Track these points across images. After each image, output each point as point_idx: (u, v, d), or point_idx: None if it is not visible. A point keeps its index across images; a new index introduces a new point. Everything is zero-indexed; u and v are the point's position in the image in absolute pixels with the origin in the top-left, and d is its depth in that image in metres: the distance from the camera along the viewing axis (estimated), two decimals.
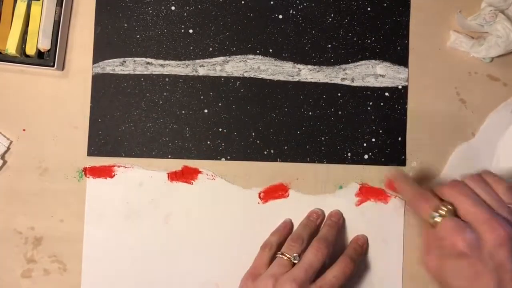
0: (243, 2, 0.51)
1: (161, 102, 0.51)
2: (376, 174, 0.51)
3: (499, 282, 0.37)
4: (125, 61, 0.51)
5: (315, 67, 0.51)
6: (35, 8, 0.49)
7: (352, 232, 0.51)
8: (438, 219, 0.41)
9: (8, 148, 0.50)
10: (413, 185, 0.45)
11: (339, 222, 0.50)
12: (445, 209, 0.41)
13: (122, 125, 0.50)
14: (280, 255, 0.46)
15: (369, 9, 0.52)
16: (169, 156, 0.50)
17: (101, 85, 0.51)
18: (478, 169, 0.51)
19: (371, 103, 0.51)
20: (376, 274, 0.50)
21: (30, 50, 0.49)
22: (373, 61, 0.52)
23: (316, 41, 0.52)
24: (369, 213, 0.51)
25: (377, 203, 0.51)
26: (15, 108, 0.50)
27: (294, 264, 0.45)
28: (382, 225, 0.51)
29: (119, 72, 0.51)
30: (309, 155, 0.51)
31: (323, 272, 0.45)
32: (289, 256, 0.45)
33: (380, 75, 0.52)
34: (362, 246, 0.50)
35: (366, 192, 0.51)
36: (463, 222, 0.40)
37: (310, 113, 0.51)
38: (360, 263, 0.50)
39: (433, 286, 0.51)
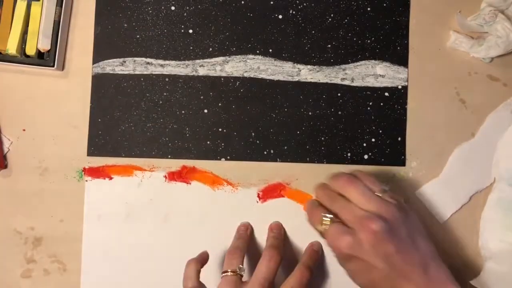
0: (243, 2, 0.51)
1: (161, 102, 0.51)
2: (376, 175, 0.51)
3: (388, 268, 0.40)
4: (125, 61, 0.51)
5: (315, 67, 0.51)
6: (35, 8, 0.49)
7: None
8: (325, 228, 0.43)
9: (8, 148, 0.50)
10: (310, 203, 0.46)
11: (281, 232, 0.49)
12: (327, 218, 0.42)
13: (122, 125, 0.51)
14: (224, 274, 0.45)
15: (369, 9, 0.52)
16: (169, 156, 0.50)
17: (101, 85, 0.51)
18: (477, 169, 0.52)
19: (371, 103, 0.51)
20: None
21: (30, 50, 0.49)
22: (373, 61, 0.52)
23: (316, 41, 0.52)
24: None
25: None
26: (15, 108, 0.50)
27: (241, 276, 0.44)
28: None
29: (119, 72, 0.51)
30: (309, 155, 0.51)
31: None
32: (233, 270, 0.44)
33: (380, 75, 0.52)
34: (318, 251, 0.49)
35: None
36: (343, 226, 0.42)
37: (310, 113, 0.51)
38: None
39: None
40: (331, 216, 0.43)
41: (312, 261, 0.47)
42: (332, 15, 0.52)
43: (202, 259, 0.46)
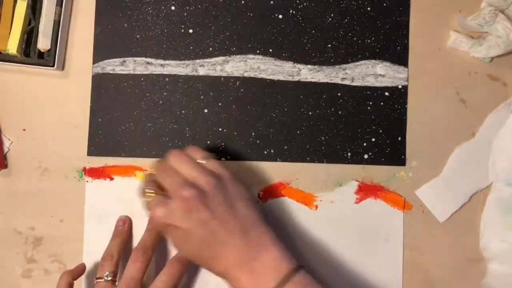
0: (243, 2, 0.51)
1: (161, 102, 0.51)
2: (376, 174, 0.51)
3: (206, 234, 0.41)
4: (125, 61, 0.51)
5: (315, 67, 0.51)
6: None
7: (352, 230, 0.51)
8: (147, 200, 0.43)
9: (8, 148, 0.50)
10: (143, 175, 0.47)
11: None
12: (150, 190, 0.43)
13: (122, 125, 0.51)
14: (96, 280, 0.45)
15: (369, 9, 0.52)
16: None
17: (101, 85, 0.51)
18: (477, 169, 0.52)
19: (371, 103, 0.51)
20: (376, 271, 0.50)
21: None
22: (373, 61, 0.52)
23: (316, 41, 0.52)
24: (368, 211, 0.51)
25: (376, 201, 0.51)
26: (15, 108, 0.50)
27: (114, 281, 0.45)
28: (382, 222, 0.51)
29: (119, 72, 0.51)
30: (309, 155, 0.51)
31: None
32: (100, 277, 0.45)
33: (380, 75, 0.52)
34: None
35: (366, 190, 0.51)
36: (163, 197, 0.42)
37: (310, 113, 0.51)
38: (360, 260, 0.50)
39: (435, 281, 0.51)
40: (154, 189, 0.43)
41: None
42: (332, 15, 0.52)
43: (77, 271, 0.47)
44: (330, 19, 0.52)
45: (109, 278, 0.45)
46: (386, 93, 0.52)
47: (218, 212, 0.41)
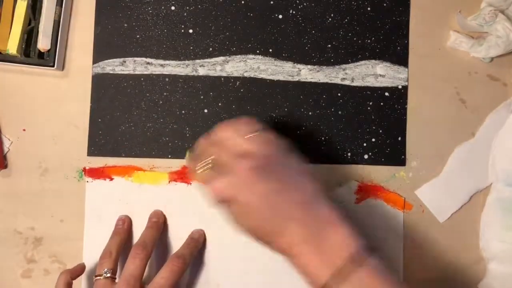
0: (243, 2, 0.51)
1: (161, 102, 0.51)
2: (376, 174, 0.51)
3: (269, 208, 0.38)
4: (125, 61, 0.51)
5: (315, 67, 0.51)
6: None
7: None
8: (202, 173, 0.41)
9: (8, 148, 0.50)
10: (188, 155, 0.44)
11: (159, 222, 0.49)
12: (203, 164, 0.41)
13: (122, 125, 0.51)
14: (95, 278, 0.45)
15: (369, 9, 0.52)
16: (169, 156, 0.50)
17: (101, 85, 0.51)
18: (477, 169, 0.52)
19: (371, 103, 0.51)
20: None
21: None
22: (373, 61, 0.52)
23: (316, 41, 0.52)
24: (368, 211, 0.51)
25: (376, 201, 0.51)
26: (15, 108, 0.50)
27: (113, 278, 0.45)
28: (382, 222, 0.51)
29: (119, 72, 0.51)
30: (309, 155, 0.51)
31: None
32: (99, 275, 0.45)
33: (380, 75, 0.52)
34: (197, 240, 0.49)
35: (366, 190, 0.51)
36: (220, 169, 0.40)
37: (310, 113, 0.51)
38: None
39: (435, 281, 0.51)
40: (211, 160, 0.41)
41: (186, 249, 0.47)
42: (332, 15, 0.52)
43: (75, 271, 0.47)
44: (330, 19, 0.52)
45: (108, 275, 0.45)
46: (386, 93, 0.52)
47: (280, 184, 0.39)
